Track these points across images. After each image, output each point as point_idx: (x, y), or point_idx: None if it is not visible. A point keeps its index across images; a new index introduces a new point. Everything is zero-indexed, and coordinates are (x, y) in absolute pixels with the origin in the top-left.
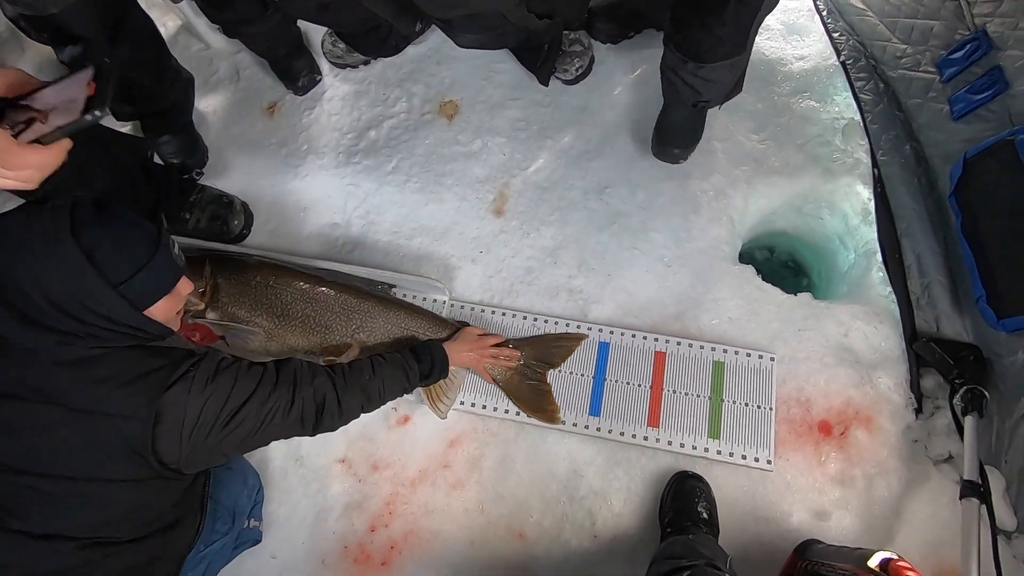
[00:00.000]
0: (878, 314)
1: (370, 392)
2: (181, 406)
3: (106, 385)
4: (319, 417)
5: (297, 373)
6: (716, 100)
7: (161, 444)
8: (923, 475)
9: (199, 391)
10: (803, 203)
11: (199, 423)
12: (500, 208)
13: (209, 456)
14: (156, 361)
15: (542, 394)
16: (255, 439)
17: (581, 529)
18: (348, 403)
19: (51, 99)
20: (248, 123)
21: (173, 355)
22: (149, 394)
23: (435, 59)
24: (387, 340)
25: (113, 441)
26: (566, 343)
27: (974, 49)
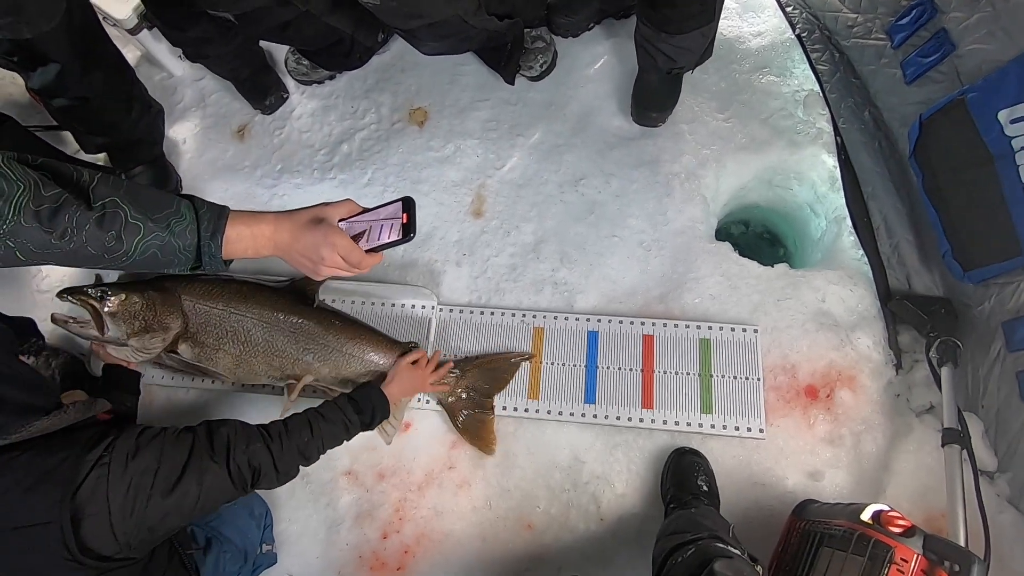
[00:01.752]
0: (852, 277)
1: (308, 452)
2: (102, 495)
3: (12, 494)
4: (255, 480)
5: (231, 440)
6: (689, 65)
7: (92, 541)
8: (907, 427)
9: (120, 474)
10: (772, 176)
11: (128, 507)
12: (479, 209)
13: (151, 536)
14: (57, 455)
15: (482, 423)
16: (196, 509)
17: (587, 513)
18: (285, 466)
19: (374, 222)
20: (220, 148)
21: (76, 440)
22: (58, 492)
23: (399, 67)
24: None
25: (40, 553)
26: (507, 366)
27: (920, 14)
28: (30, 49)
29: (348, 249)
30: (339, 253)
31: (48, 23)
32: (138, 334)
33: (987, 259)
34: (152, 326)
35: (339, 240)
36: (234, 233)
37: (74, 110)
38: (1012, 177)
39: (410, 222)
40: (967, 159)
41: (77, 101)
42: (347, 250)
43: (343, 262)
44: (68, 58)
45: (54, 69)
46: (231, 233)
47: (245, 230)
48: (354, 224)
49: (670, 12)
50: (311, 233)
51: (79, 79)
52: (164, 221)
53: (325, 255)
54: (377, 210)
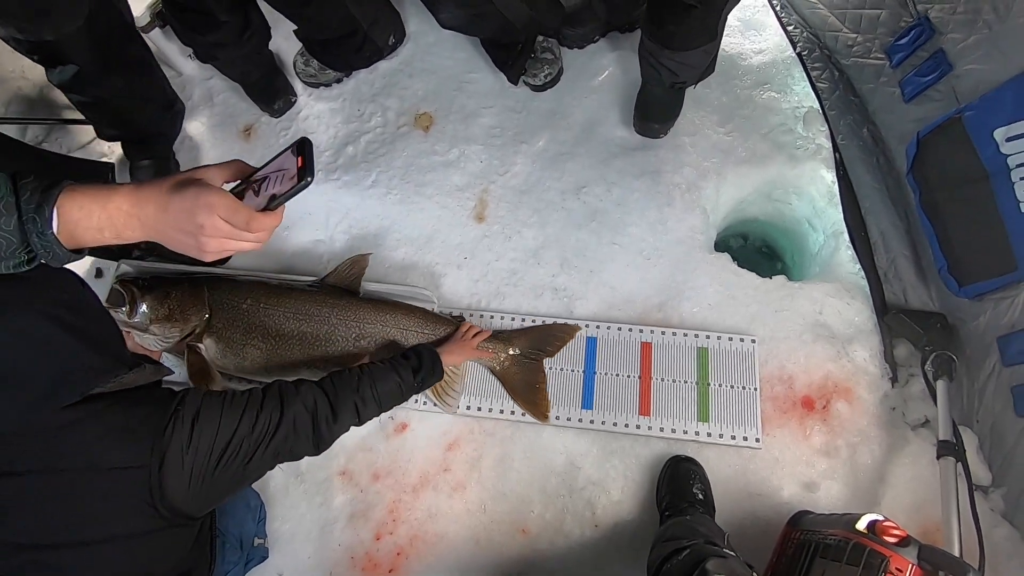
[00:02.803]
0: (849, 290)
1: (364, 395)
2: (178, 447)
3: (105, 440)
4: (315, 426)
5: (282, 390)
6: (692, 80)
7: (169, 490)
8: (902, 440)
9: (189, 429)
10: (772, 189)
11: (197, 462)
12: (481, 214)
13: (216, 492)
14: (144, 407)
15: (535, 388)
16: (256, 465)
17: (582, 519)
18: (342, 408)
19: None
20: (225, 147)
21: (159, 397)
22: (149, 440)
23: (407, 72)
24: (386, 342)
25: (123, 495)
26: (560, 333)
27: (918, 35)
28: (50, 50)
29: (231, 209)
30: (220, 215)
31: (69, 26)
32: (160, 322)
33: (982, 274)
34: (174, 316)
35: (216, 199)
36: (77, 209)
37: (94, 106)
38: (1007, 194)
39: (306, 165)
40: (963, 176)
41: (94, 99)
42: (229, 210)
43: (229, 227)
44: (87, 61)
45: (71, 70)
46: (73, 210)
47: (93, 206)
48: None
49: (674, 29)
50: (181, 197)
51: (97, 81)
52: None
53: (203, 221)
54: (270, 163)
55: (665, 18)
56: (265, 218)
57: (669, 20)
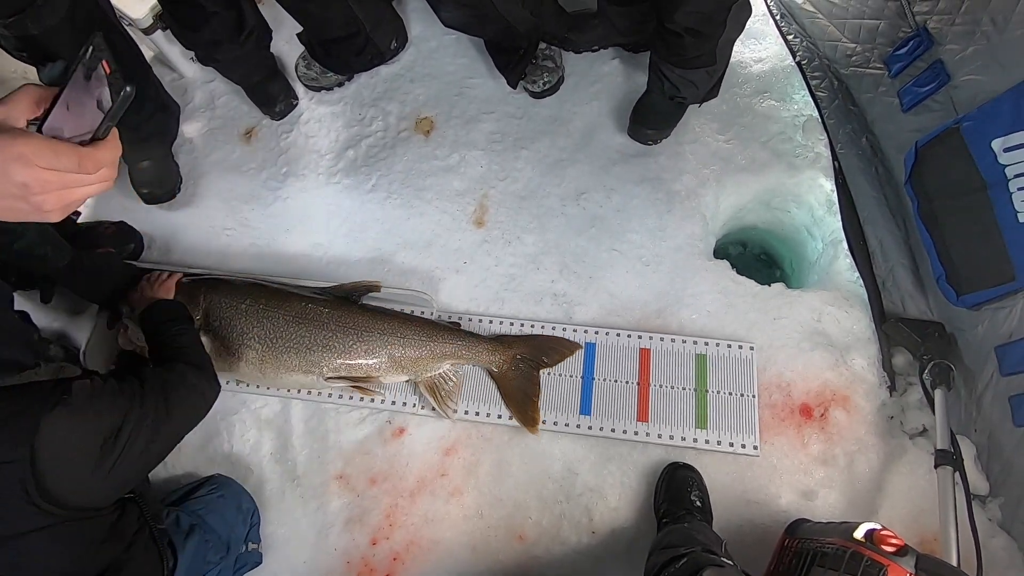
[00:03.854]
0: (848, 299)
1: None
2: (57, 438)
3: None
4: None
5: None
6: (693, 99)
7: (49, 482)
8: (900, 449)
9: (72, 418)
10: (771, 197)
11: (80, 450)
12: (480, 219)
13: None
14: (19, 401)
15: (528, 398)
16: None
17: (579, 526)
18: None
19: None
20: (226, 149)
21: (37, 389)
22: (21, 434)
23: (408, 77)
24: (385, 350)
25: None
26: (561, 347)
27: (917, 45)
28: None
29: (51, 155)
30: (40, 165)
31: (52, 18)
32: None
33: (980, 284)
34: None
35: (28, 147)
36: None
37: None
38: (1005, 204)
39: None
40: (961, 186)
41: None
42: (51, 157)
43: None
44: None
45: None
46: None
47: None
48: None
49: (677, 47)
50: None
51: None
52: None
53: (23, 179)
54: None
55: (666, 38)
56: (96, 151)
57: (670, 40)
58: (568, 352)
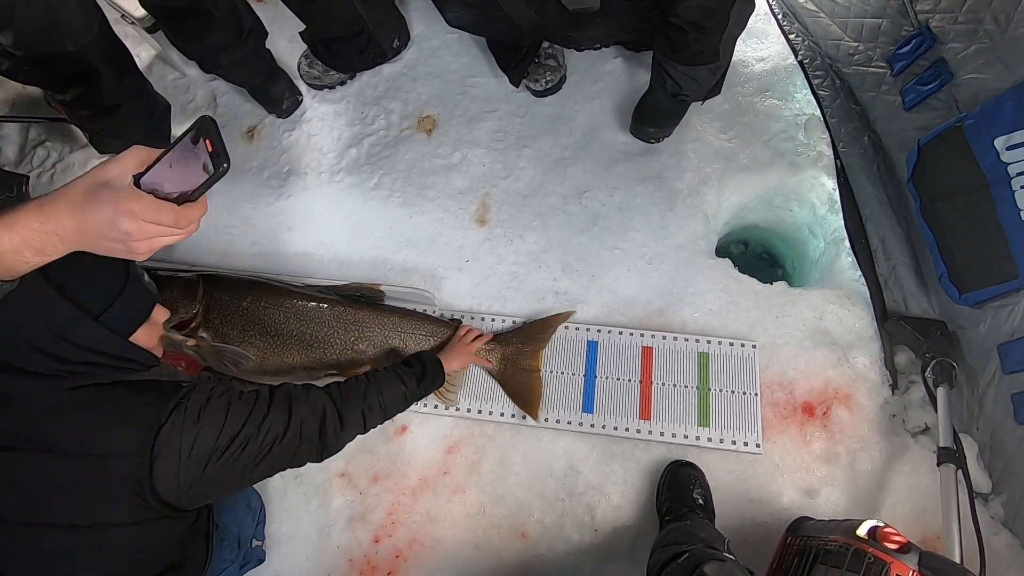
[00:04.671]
0: (850, 297)
1: (370, 403)
2: (176, 440)
3: (100, 425)
4: (322, 433)
5: (291, 393)
6: (695, 96)
7: (159, 481)
8: (902, 447)
9: (192, 423)
10: (773, 196)
11: (193, 457)
12: (483, 217)
13: (209, 490)
14: (146, 396)
15: (529, 388)
16: (258, 469)
17: (582, 524)
18: (349, 415)
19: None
20: (228, 148)
21: (162, 388)
22: (144, 430)
23: (411, 76)
24: (386, 347)
25: (112, 482)
26: (552, 320)
27: (919, 44)
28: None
29: (155, 211)
30: (144, 219)
31: (86, 36)
32: None
33: (982, 282)
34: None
35: (137, 205)
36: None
37: (100, 118)
38: (1007, 202)
39: (216, 149)
40: (963, 184)
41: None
42: (154, 213)
43: (156, 227)
44: (105, 66)
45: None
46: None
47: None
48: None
49: (680, 42)
50: (97, 207)
51: (115, 87)
52: None
53: (129, 228)
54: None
55: (669, 33)
56: (189, 211)
57: (673, 35)
58: (559, 321)
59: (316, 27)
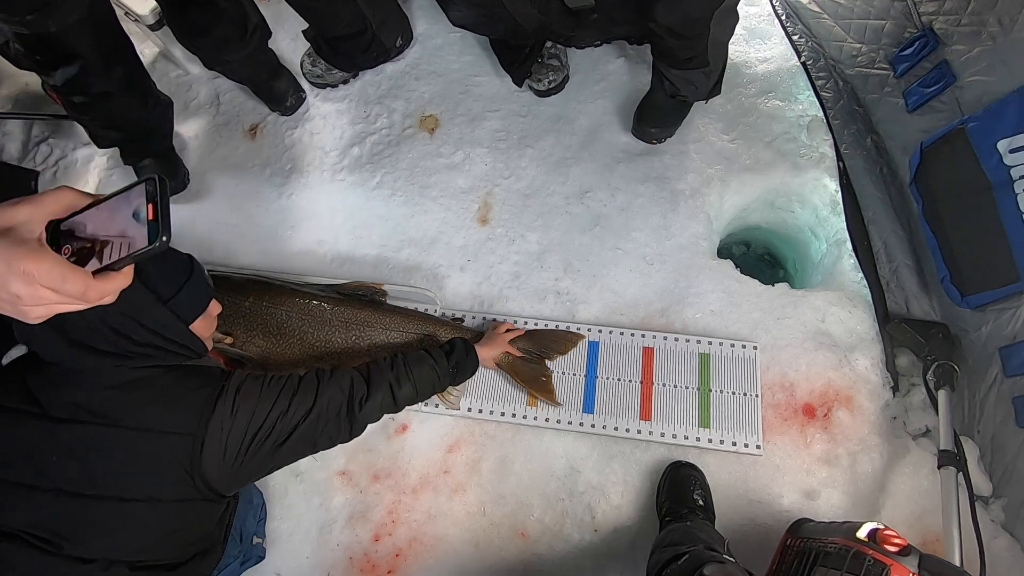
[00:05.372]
0: (851, 299)
1: (398, 374)
2: (223, 423)
3: (158, 404)
4: (350, 406)
5: (319, 374)
6: (694, 98)
7: (207, 461)
8: (903, 449)
9: (235, 406)
10: (775, 197)
11: (231, 440)
12: (485, 216)
13: (246, 472)
14: (200, 379)
15: (544, 375)
16: (289, 448)
17: (582, 524)
18: (376, 387)
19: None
20: (230, 146)
21: (212, 373)
22: (199, 412)
23: (413, 75)
24: (389, 347)
25: (165, 459)
26: (564, 340)
27: (923, 46)
28: (54, 44)
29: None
30: (43, 284)
31: (74, 14)
32: None
33: (985, 285)
34: None
35: (37, 267)
36: None
37: (94, 106)
38: (1010, 205)
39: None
40: (966, 187)
41: (98, 97)
42: (57, 280)
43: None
44: (91, 52)
45: (77, 64)
46: None
47: None
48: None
49: (664, 48)
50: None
51: (102, 74)
52: None
53: (21, 292)
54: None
55: (653, 39)
56: (104, 283)
57: (656, 41)
58: (571, 345)
59: (319, 26)
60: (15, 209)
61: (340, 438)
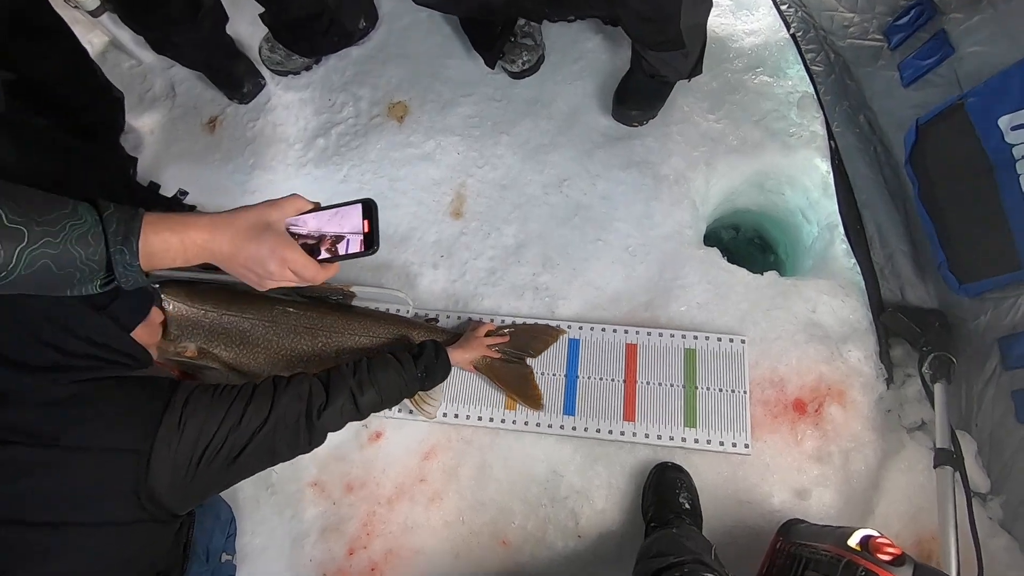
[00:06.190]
0: (844, 287)
1: (360, 379)
2: (168, 439)
3: (99, 420)
4: (308, 414)
5: (275, 381)
6: (674, 77)
7: (155, 479)
8: (898, 444)
9: (179, 422)
10: (764, 180)
11: (180, 455)
12: (458, 209)
13: (198, 488)
14: (145, 392)
15: (524, 378)
16: (244, 462)
17: (565, 530)
18: (336, 393)
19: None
20: (189, 140)
21: (159, 384)
22: (143, 427)
23: (380, 59)
24: (358, 353)
25: (108, 479)
26: (544, 335)
27: (919, 14)
28: None
29: (302, 264)
30: (290, 268)
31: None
32: None
33: (984, 272)
34: None
35: (290, 254)
36: (159, 241)
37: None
38: (1012, 187)
39: (372, 232)
40: (965, 167)
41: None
42: (301, 265)
43: (294, 276)
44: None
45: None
46: (155, 241)
47: (172, 238)
48: (303, 226)
49: (636, 30)
50: (256, 244)
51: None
52: (57, 224)
53: (274, 270)
54: (331, 211)
55: (623, 21)
56: (326, 271)
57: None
58: (552, 339)
59: (274, 9)
60: (271, 210)
61: (300, 448)
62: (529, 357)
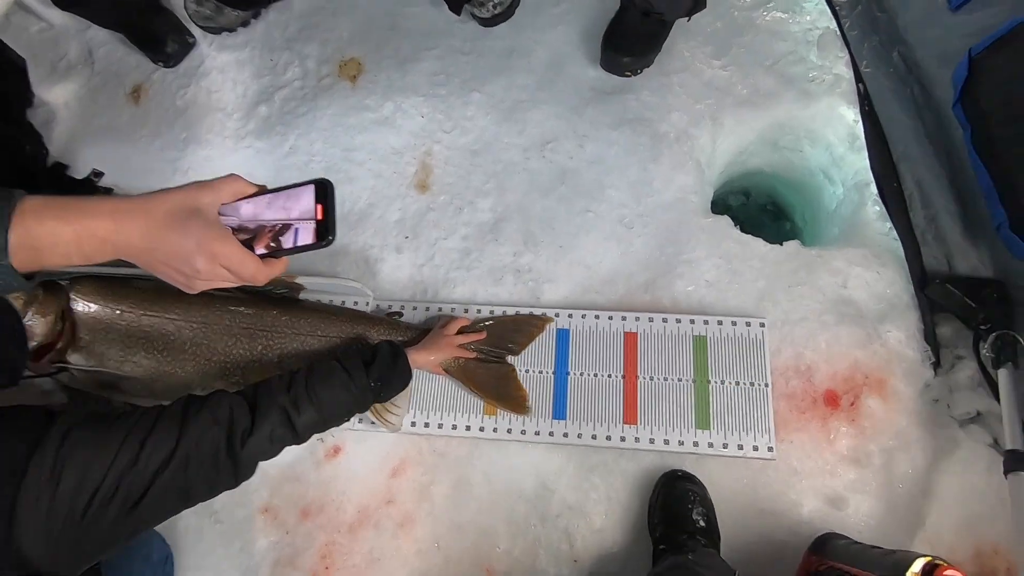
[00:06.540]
0: (879, 256)
1: (296, 395)
2: (38, 490)
3: None
4: (229, 443)
5: (186, 403)
6: (672, 15)
7: (21, 540)
8: (950, 441)
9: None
10: (779, 135)
11: (56, 509)
12: (424, 181)
13: (92, 547)
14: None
15: (504, 379)
16: (150, 506)
17: (558, 554)
18: (264, 414)
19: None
20: (111, 113)
21: (27, 417)
22: (6, 473)
23: (329, 10)
24: (305, 357)
25: None
26: (526, 325)
27: None
28: None
29: (238, 261)
30: (223, 264)
31: None
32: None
33: None
34: None
35: (222, 248)
36: (45, 233)
37: None
38: None
39: (326, 218)
40: None
41: None
42: (236, 262)
43: (229, 275)
44: None
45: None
46: (40, 233)
47: (63, 228)
48: (241, 213)
49: None
50: (178, 235)
51: None
52: None
53: (202, 268)
54: (278, 194)
55: None
56: (269, 268)
57: None
58: (537, 329)
59: None
60: (199, 193)
61: (221, 485)
62: (510, 354)
